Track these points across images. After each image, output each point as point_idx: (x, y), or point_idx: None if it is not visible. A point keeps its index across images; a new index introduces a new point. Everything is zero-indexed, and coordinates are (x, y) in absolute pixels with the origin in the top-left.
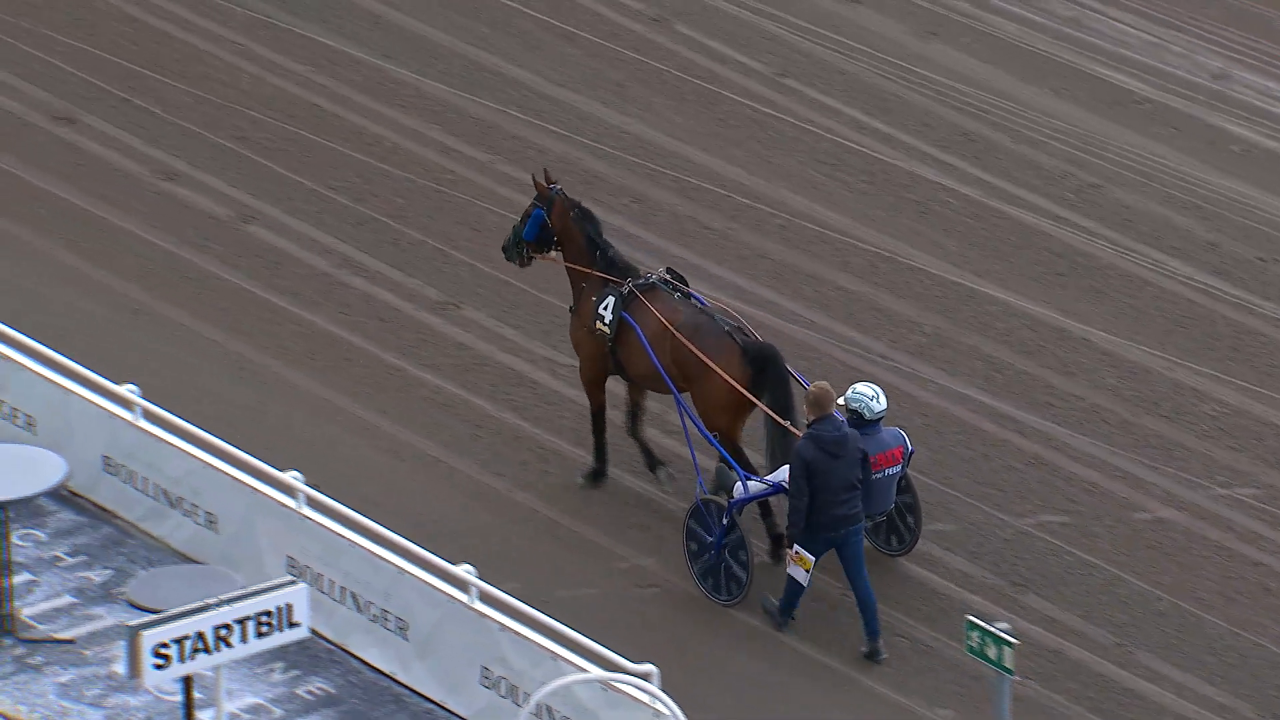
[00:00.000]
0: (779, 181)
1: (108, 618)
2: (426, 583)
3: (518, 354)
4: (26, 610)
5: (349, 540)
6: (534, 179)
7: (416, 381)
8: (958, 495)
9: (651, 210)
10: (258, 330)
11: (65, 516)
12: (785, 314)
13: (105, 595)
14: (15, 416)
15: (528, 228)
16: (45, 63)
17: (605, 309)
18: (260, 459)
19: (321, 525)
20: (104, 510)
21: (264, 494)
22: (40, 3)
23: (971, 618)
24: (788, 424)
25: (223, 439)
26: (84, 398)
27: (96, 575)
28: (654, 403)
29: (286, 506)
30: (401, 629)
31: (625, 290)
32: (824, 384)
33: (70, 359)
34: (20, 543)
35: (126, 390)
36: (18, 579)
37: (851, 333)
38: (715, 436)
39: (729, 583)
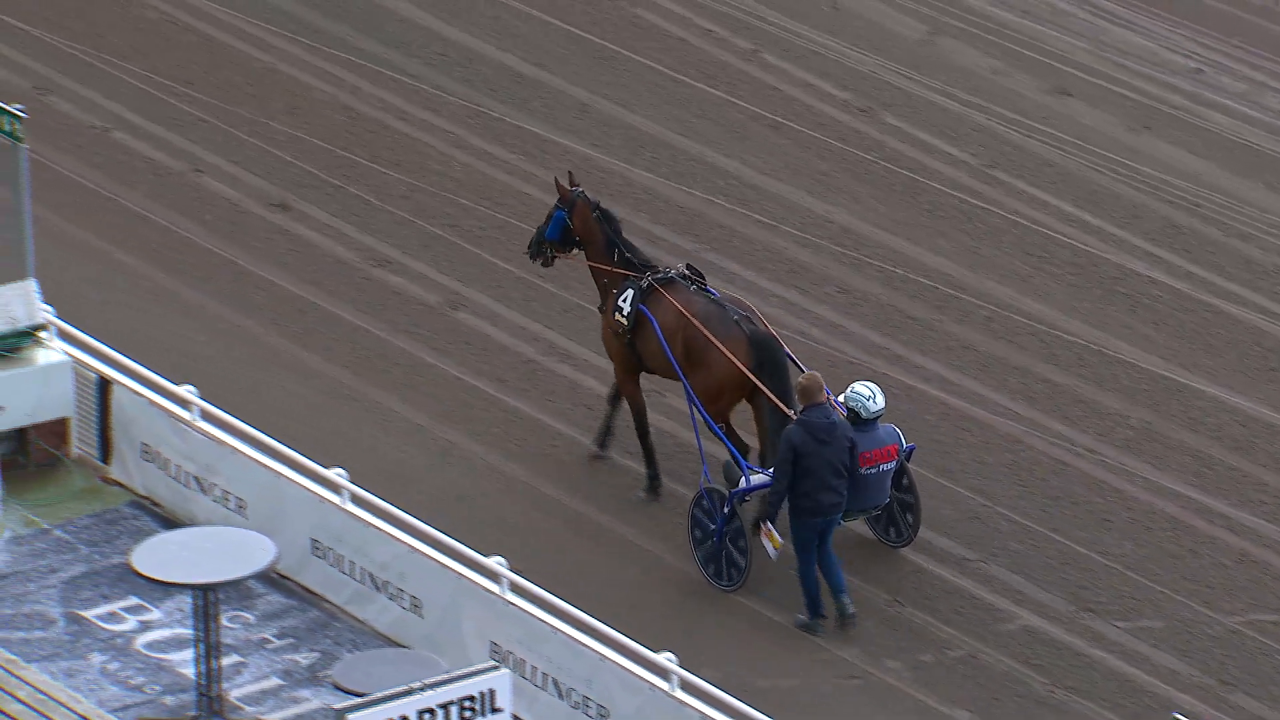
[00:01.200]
0: (986, 272)
1: (313, 700)
2: (628, 670)
3: (715, 442)
4: (234, 692)
5: (551, 626)
6: (556, 181)
7: (622, 469)
8: (1165, 591)
9: (856, 300)
10: (465, 416)
11: (273, 599)
12: (991, 405)
13: (311, 678)
14: (227, 499)
15: (550, 228)
16: (262, 150)
17: (624, 301)
18: (465, 544)
19: (525, 611)
20: (311, 593)
21: (468, 579)
22: (258, 92)
23: (1179, 716)
24: (789, 411)
25: (428, 523)
26: (293, 481)
27: (303, 658)
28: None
29: (490, 592)
30: (603, 716)
31: (644, 284)
32: (814, 373)
33: (281, 443)
34: (229, 624)
35: (335, 474)
36: (226, 661)
37: (1058, 425)
38: (721, 427)
39: (729, 569)
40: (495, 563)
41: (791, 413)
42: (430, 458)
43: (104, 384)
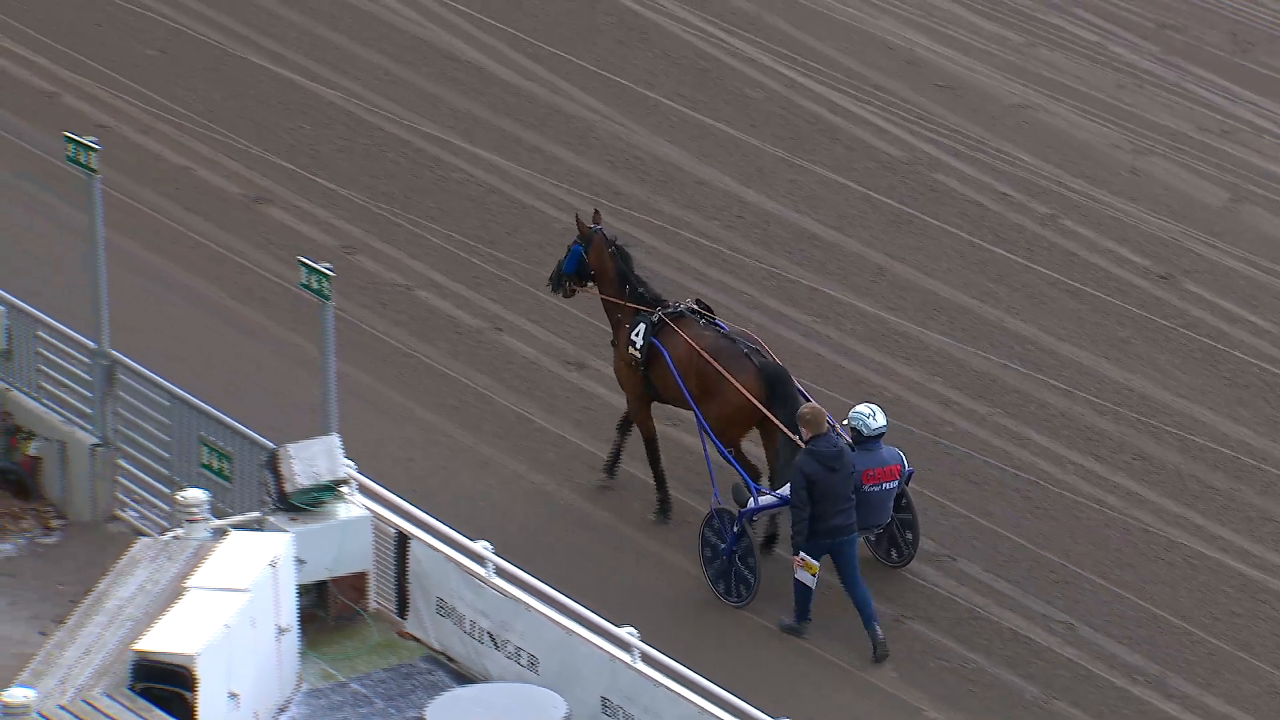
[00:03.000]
0: None
1: None
2: None
3: (1016, 610)
4: None
5: None
6: (577, 218)
7: (910, 635)
8: None
9: (1153, 468)
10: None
11: None
12: None
13: None
14: (519, 656)
15: (567, 262)
16: (560, 309)
17: (637, 335)
18: (753, 705)
19: None
20: None
21: None
22: (558, 252)
23: None
24: (795, 437)
25: (718, 683)
26: (585, 639)
27: None
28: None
29: None
30: None
31: (655, 318)
32: (815, 404)
33: (573, 599)
34: None
35: (626, 633)
36: None
37: None
38: (730, 451)
39: (738, 585)
40: None
41: (798, 440)
42: (721, 616)
43: (402, 539)
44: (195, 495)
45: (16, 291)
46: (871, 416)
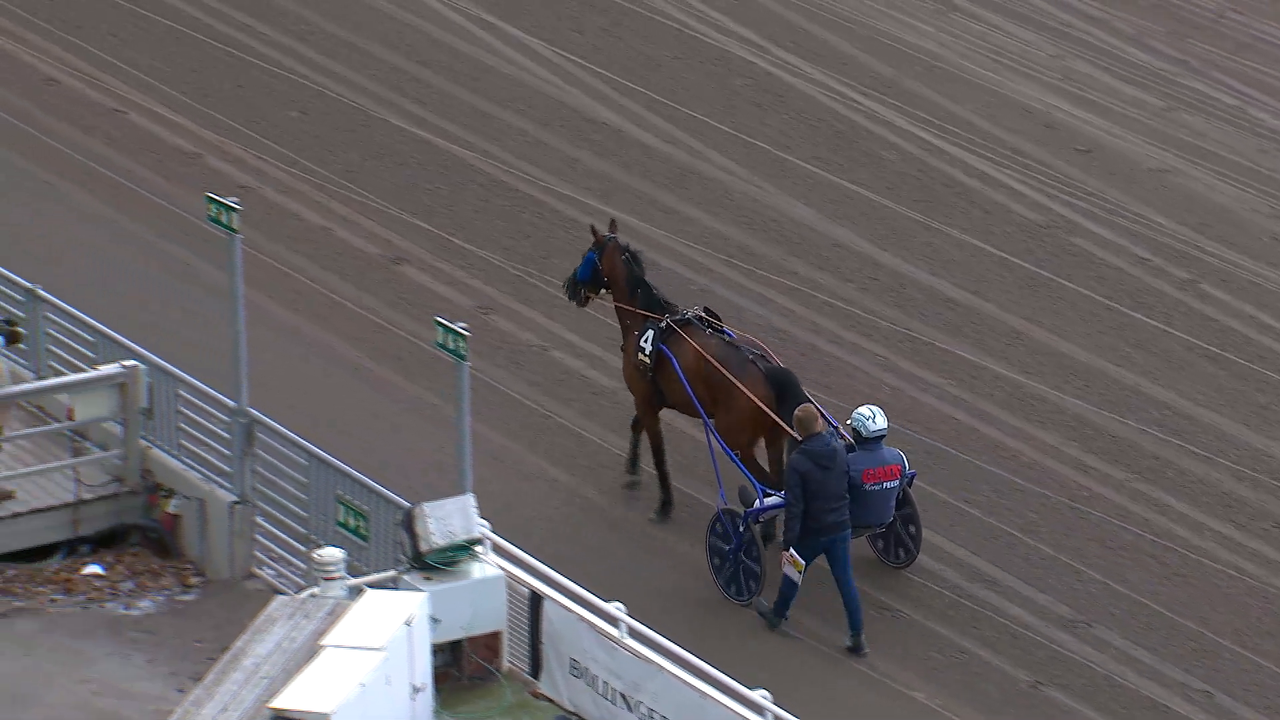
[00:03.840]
0: None
1: None
2: None
3: (1154, 678)
4: None
5: None
6: (593, 228)
7: (1046, 701)
8: None
9: None
10: (876, 643)
11: None
12: None
13: None
14: (652, 717)
15: (581, 269)
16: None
17: (645, 342)
18: None
19: None
20: None
21: None
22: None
23: None
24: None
25: None
26: (717, 701)
27: None
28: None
29: None
30: None
31: (663, 325)
32: (809, 405)
33: (706, 661)
34: None
35: (759, 696)
36: None
37: None
38: (737, 454)
39: (747, 581)
40: None
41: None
42: (853, 682)
43: (535, 599)
44: (331, 553)
45: (157, 350)
46: (871, 419)
